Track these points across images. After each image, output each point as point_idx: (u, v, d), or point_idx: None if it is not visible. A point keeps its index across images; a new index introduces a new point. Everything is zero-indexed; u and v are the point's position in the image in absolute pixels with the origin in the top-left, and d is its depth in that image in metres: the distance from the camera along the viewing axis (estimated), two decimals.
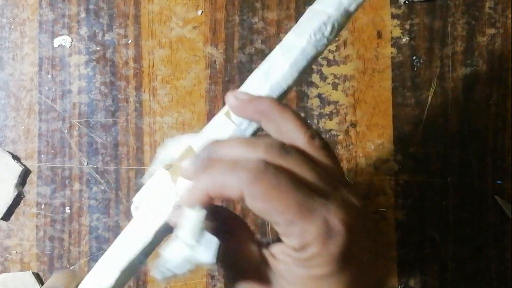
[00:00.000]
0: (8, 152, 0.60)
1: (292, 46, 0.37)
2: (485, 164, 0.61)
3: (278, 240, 0.33)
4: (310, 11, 0.37)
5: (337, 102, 0.61)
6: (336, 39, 0.60)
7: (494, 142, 0.61)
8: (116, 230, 0.61)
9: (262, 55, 0.61)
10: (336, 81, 0.61)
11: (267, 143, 0.33)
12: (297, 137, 0.34)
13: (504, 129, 0.61)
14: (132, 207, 0.38)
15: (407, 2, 0.62)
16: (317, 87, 0.61)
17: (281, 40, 0.37)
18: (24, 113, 0.61)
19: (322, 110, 0.61)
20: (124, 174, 0.61)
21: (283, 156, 0.32)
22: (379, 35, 0.62)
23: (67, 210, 0.60)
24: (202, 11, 0.62)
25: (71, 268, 0.60)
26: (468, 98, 0.62)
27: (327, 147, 0.34)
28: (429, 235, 0.61)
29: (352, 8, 0.37)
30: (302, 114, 0.61)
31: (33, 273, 0.60)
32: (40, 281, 0.60)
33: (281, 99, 0.37)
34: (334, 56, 0.61)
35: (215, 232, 0.33)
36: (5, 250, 0.61)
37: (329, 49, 0.61)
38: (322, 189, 0.32)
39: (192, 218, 0.33)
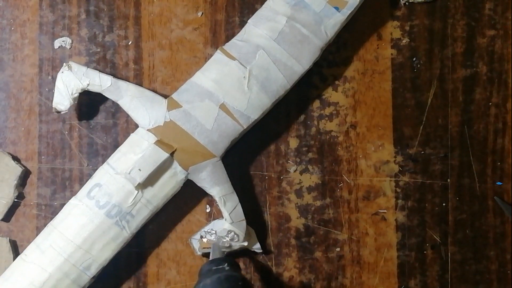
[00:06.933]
0: (8, 153, 0.60)
1: None
2: (485, 165, 0.61)
3: None
4: None
5: (337, 103, 0.61)
6: (336, 40, 0.60)
7: (494, 144, 0.61)
8: None
9: None
10: (336, 82, 0.61)
11: None
12: None
13: (504, 131, 0.61)
14: None
15: (407, 3, 0.62)
16: (317, 88, 0.61)
17: None
18: (25, 115, 0.61)
19: (322, 112, 0.61)
20: None
21: None
22: (379, 36, 0.62)
23: None
24: (202, 13, 0.62)
25: None
26: (468, 99, 0.62)
27: None
28: (429, 236, 0.61)
29: None
30: (302, 116, 0.61)
31: (10, 240, 0.59)
32: (16, 250, 0.60)
33: None
34: (334, 57, 0.61)
35: None
36: None
37: (329, 50, 0.61)
38: None
39: None
